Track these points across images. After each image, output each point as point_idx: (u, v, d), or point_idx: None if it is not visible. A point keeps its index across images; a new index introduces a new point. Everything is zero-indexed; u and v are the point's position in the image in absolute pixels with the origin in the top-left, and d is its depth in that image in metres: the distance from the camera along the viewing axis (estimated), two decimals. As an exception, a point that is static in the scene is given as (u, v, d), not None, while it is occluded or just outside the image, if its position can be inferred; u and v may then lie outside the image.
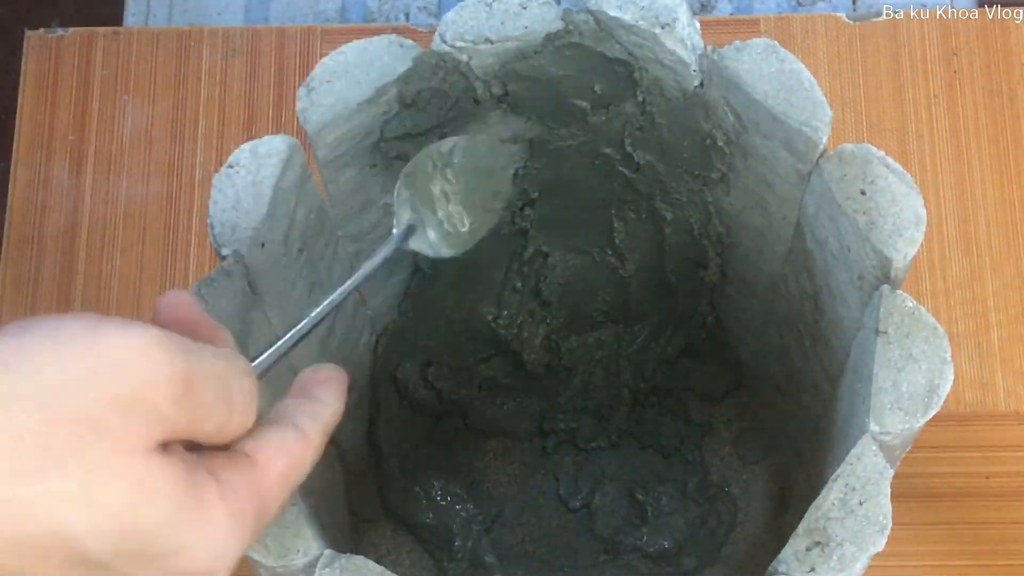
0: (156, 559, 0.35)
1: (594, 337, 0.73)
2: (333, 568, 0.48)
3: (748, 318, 0.67)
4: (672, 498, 0.71)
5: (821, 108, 0.52)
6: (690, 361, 0.73)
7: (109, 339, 0.35)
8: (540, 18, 0.54)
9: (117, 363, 0.34)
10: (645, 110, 0.58)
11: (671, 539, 0.70)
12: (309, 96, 0.54)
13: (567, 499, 0.72)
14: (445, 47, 0.54)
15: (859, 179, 0.51)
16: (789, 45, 0.68)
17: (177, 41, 0.83)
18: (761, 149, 0.55)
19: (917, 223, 0.50)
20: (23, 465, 0.33)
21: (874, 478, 0.48)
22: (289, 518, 0.48)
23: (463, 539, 0.71)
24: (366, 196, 0.59)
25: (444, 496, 0.71)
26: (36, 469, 0.33)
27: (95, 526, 0.34)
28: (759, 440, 0.73)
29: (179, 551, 0.36)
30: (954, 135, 0.79)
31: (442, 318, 0.70)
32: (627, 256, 0.68)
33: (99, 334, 0.35)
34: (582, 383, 0.73)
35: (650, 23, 0.53)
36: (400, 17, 0.87)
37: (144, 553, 0.35)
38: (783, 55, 0.53)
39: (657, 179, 0.62)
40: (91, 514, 0.34)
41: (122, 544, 0.35)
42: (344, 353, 0.64)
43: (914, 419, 0.48)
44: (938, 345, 0.49)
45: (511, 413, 0.74)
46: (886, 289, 0.50)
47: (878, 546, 0.47)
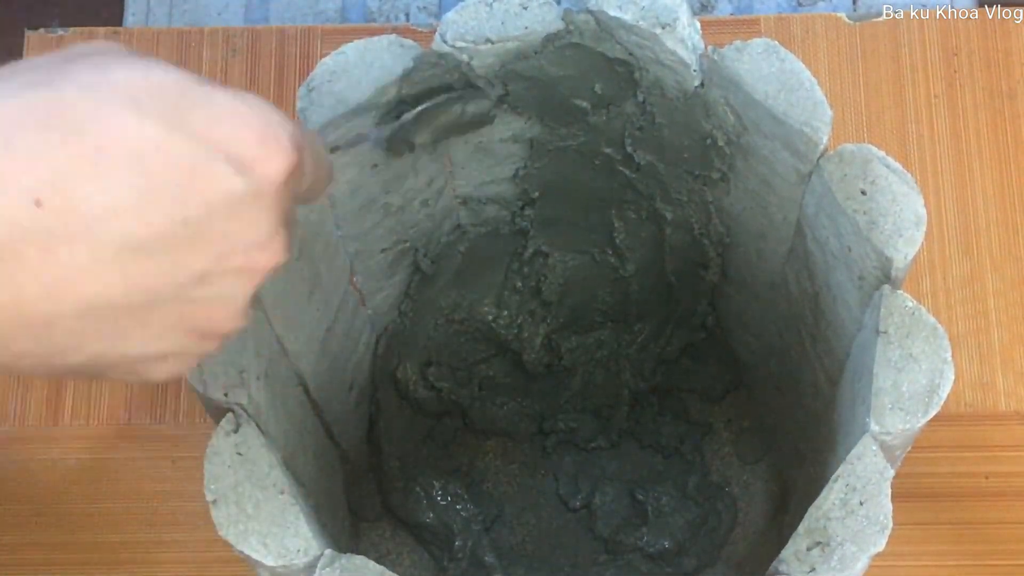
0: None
1: (594, 337, 0.73)
2: (333, 568, 0.48)
3: (748, 318, 0.67)
4: (672, 498, 0.71)
5: (821, 108, 0.52)
6: (690, 361, 0.73)
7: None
8: (540, 18, 0.54)
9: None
10: (645, 110, 0.58)
11: (671, 539, 0.70)
12: (309, 96, 0.54)
13: (567, 499, 0.72)
14: (445, 47, 0.54)
15: (859, 179, 0.51)
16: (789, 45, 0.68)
17: (177, 41, 0.83)
18: (761, 149, 0.55)
19: (917, 223, 0.50)
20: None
21: (875, 478, 0.48)
22: (289, 518, 0.48)
23: (463, 539, 0.71)
24: (366, 196, 0.59)
25: (444, 496, 0.71)
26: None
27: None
28: (759, 440, 0.73)
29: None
30: (954, 135, 0.79)
31: (442, 318, 0.70)
32: (627, 256, 0.68)
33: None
34: (582, 383, 0.73)
35: (650, 23, 0.53)
36: (400, 17, 0.87)
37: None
38: (783, 55, 0.53)
39: (657, 179, 0.62)
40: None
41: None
42: (344, 353, 0.64)
43: (914, 419, 0.48)
44: (938, 345, 0.49)
45: (511, 413, 0.74)
46: (886, 289, 0.50)
47: (879, 546, 0.47)
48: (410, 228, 0.63)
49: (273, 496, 0.48)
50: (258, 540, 0.48)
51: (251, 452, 0.49)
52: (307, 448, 0.58)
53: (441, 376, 0.72)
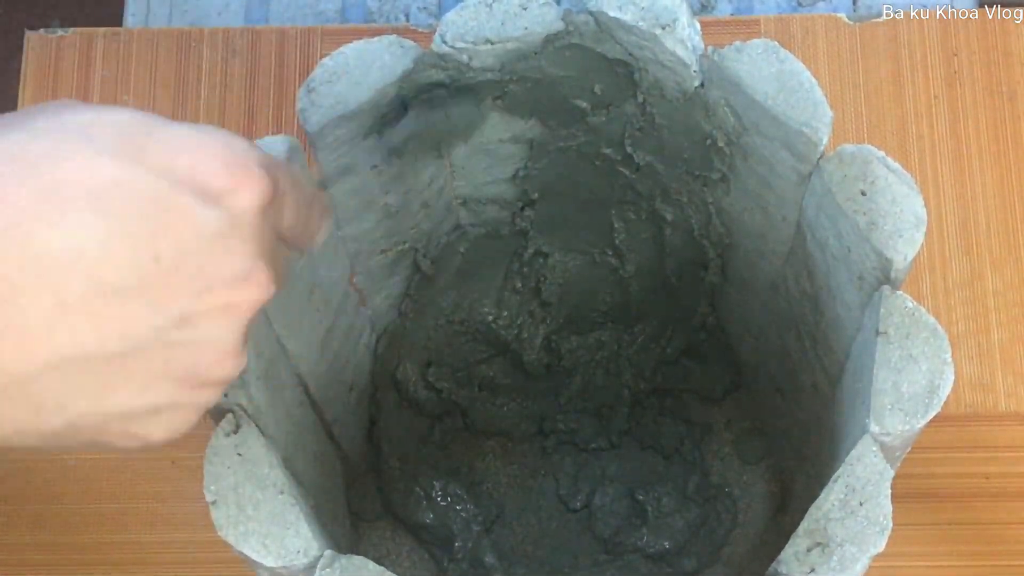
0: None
1: (594, 338, 0.73)
2: (333, 568, 0.48)
3: (748, 318, 0.67)
4: (672, 498, 0.71)
5: (821, 109, 0.52)
6: (690, 362, 0.73)
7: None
8: (540, 19, 0.54)
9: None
10: (645, 111, 0.58)
11: (671, 539, 0.70)
12: (309, 96, 0.54)
13: (567, 499, 0.72)
14: (445, 48, 0.54)
15: (859, 180, 0.51)
16: (789, 45, 0.68)
17: (177, 41, 0.83)
18: (761, 150, 0.55)
19: (917, 224, 0.50)
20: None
21: (874, 479, 0.48)
22: (289, 518, 0.48)
23: (463, 539, 0.71)
24: (366, 196, 0.59)
25: (444, 496, 0.71)
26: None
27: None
28: (759, 440, 0.72)
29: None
30: (954, 135, 0.79)
31: (442, 318, 0.70)
32: (627, 256, 0.68)
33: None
34: (582, 384, 0.73)
35: (650, 24, 0.53)
36: (400, 17, 0.87)
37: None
38: (783, 56, 0.53)
39: (657, 180, 0.62)
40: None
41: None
42: (344, 353, 0.64)
43: (914, 420, 0.48)
44: (938, 346, 0.49)
45: (511, 413, 0.74)
46: (886, 290, 0.50)
47: (878, 547, 0.47)
48: (410, 228, 0.63)
49: (273, 496, 0.48)
50: (258, 541, 0.48)
51: (251, 452, 0.49)
52: (307, 448, 0.58)
53: (441, 376, 0.72)
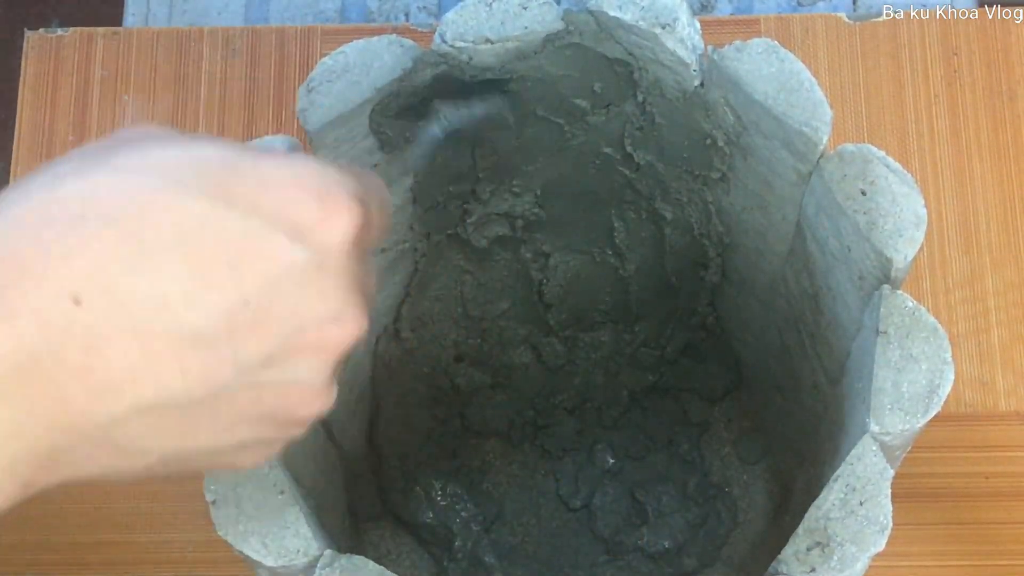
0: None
1: (594, 337, 0.73)
2: (333, 568, 0.48)
3: (748, 318, 0.67)
4: (672, 498, 0.71)
5: (821, 108, 0.52)
6: (690, 361, 0.73)
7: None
8: (540, 18, 0.54)
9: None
10: (645, 110, 0.58)
11: (671, 539, 0.70)
12: (309, 96, 0.54)
13: (567, 499, 0.72)
14: (445, 47, 0.54)
15: (859, 179, 0.51)
16: (789, 45, 0.68)
17: (177, 41, 0.83)
18: (761, 149, 0.55)
19: (917, 223, 0.50)
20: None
21: (874, 478, 0.48)
22: (289, 518, 0.48)
23: (463, 539, 0.71)
24: (366, 196, 0.59)
25: (444, 496, 0.71)
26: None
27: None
28: (759, 440, 0.73)
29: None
30: (954, 135, 0.79)
31: (442, 318, 0.70)
32: (627, 256, 0.68)
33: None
34: (582, 383, 0.73)
35: (650, 23, 0.53)
36: (400, 17, 0.87)
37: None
38: (783, 55, 0.53)
39: (657, 179, 0.62)
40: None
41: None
42: (344, 353, 0.64)
43: (914, 419, 0.48)
44: (938, 345, 0.49)
45: (511, 413, 0.73)
46: (886, 289, 0.50)
47: (879, 546, 0.47)
48: (410, 228, 0.63)
49: (273, 496, 0.48)
50: (258, 540, 0.48)
51: (251, 452, 0.49)
52: (307, 448, 0.58)
53: (441, 376, 0.72)
